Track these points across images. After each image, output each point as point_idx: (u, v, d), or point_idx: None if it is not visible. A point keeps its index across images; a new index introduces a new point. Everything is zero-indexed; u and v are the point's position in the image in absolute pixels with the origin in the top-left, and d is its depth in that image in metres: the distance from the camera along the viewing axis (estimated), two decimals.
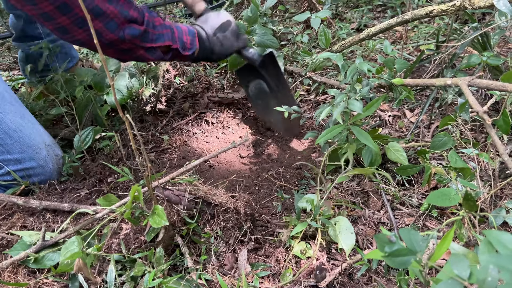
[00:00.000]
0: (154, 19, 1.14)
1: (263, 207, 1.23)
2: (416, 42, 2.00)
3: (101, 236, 1.03)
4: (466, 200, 0.87)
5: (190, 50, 1.24)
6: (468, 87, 0.99)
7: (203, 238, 1.04)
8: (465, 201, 0.87)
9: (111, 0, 1.00)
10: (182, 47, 1.21)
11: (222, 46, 1.32)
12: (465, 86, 0.99)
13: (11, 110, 1.22)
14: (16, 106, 1.25)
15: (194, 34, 1.26)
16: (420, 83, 1.16)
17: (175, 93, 1.78)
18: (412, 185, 1.24)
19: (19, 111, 1.25)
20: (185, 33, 1.24)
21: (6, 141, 1.19)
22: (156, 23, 1.15)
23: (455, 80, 1.06)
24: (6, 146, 1.20)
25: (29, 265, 0.95)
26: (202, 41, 1.28)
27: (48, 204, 1.12)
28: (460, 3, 1.12)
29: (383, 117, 1.56)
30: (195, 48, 1.25)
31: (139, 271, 0.93)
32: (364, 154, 1.19)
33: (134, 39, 1.08)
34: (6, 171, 1.21)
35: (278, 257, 1.04)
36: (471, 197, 0.89)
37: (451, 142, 1.21)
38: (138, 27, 1.08)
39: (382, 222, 1.14)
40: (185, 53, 1.23)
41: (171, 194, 1.00)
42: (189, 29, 1.26)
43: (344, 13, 2.48)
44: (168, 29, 1.18)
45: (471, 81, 1.00)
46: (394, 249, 0.57)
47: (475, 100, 0.93)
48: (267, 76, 1.46)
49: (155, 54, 1.17)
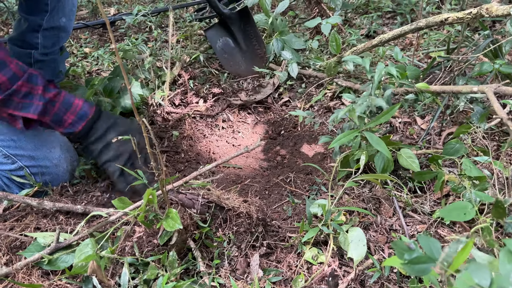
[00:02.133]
0: (29, 87, 1.11)
1: (274, 212, 1.23)
2: (426, 48, 2.01)
3: (114, 239, 1.04)
4: (496, 207, 0.87)
5: (66, 129, 1.19)
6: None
7: (216, 242, 1.05)
8: (495, 208, 0.87)
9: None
10: (56, 121, 1.17)
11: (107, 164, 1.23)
12: (491, 93, 0.99)
13: None
14: None
15: (85, 118, 1.20)
16: (447, 90, 1.16)
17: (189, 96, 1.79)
18: (424, 192, 1.23)
19: None
20: (72, 111, 1.18)
21: (19, 137, 1.22)
22: (34, 92, 1.12)
23: (481, 87, 1.06)
24: (19, 142, 1.21)
25: (43, 267, 0.95)
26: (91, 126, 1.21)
27: (61, 206, 1.12)
28: (477, 11, 1.12)
29: (393, 124, 1.56)
30: (74, 129, 1.19)
31: (152, 274, 0.93)
32: (377, 160, 1.19)
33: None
34: (19, 165, 1.22)
35: (289, 262, 1.04)
36: (501, 204, 0.89)
37: (463, 149, 1.21)
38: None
39: (394, 229, 1.14)
40: (58, 129, 1.20)
41: (184, 198, 1.01)
42: (83, 111, 1.19)
43: (353, 19, 2.49)
44: (41, 101, 1.13)
45: (498, 89, 1.00)
46: (413, 256, 0.57)
47: (500, 107, 0.93)
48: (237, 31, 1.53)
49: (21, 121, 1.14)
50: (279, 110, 1.79)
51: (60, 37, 1.68)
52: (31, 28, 1.60)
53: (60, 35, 1.67)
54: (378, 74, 1.12)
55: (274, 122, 1.73)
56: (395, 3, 2.59)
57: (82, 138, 1.23)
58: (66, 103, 1.18)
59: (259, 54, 1.80)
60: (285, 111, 1.78)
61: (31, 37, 1.62)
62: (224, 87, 1.84)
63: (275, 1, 2.48)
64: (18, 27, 1.64)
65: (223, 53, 1.73)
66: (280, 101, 1.82)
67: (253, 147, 1.17)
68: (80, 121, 1.20)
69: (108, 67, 2.13)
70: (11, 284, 0.94)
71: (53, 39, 1.65)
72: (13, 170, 1.22)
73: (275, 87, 1.83)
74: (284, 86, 1.85)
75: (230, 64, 1.71)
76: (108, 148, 1.22)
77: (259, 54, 1.79)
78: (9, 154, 1.21)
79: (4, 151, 1.21)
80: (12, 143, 1.21)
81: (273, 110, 1.79)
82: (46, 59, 1.67)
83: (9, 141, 1.21)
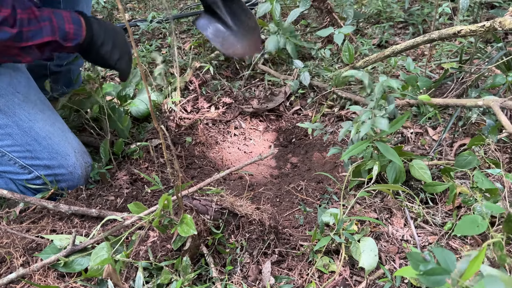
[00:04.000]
0: (28, 13, 1.05)
1: (285, 219, 1.24)
2: (438, 59, 2.01)
3: (128, 243, 1.05)
4: (507, 222, 0.87)
5: (74, 41, 1.16)
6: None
7: (228, 248, 1.06)
8: (506, 223, 0.87)
9: None
10: (63, 37, 1.12)
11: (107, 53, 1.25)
12: (497, 107, 0.99)
13: (42, 118, 1.26)
14: (47, 114, 1.29)
15: (80, 23, 1.17)
16: (450, 103, 1.17)
17: (200, 102, 1.81)
18: (435, 204, 1.23)
19: (50, 119, 1.29)
20: (67, 20, 1.14)
21: (35, 147, 1.23)
22: (32, 17, 1.06)
23: (487, 101, 1.06)
24: (35, 152, 1.23)
25: (59, 269, 0.97)
26: (91, 32, 1.20)
27: (76, 209, 1.15)
28: (490, 25, 1.13)
29: (405, 134, 1.57)
30: (80, 38, 1.17)
31: (165, 279, 0.94)
32: (389, 170, 1.19)
33: (5, 42, 1.02)
34: (35, 175, 1.24)
35: (301, 270, 1.05)
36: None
37: (476, 161, 1.21)
38: (9, 30, 1.01)
39: (405, 239, 1.14)
40: (67, 44, 1.15)
41: (198, 204, 1.02)
42: (73, 17, 1.16)
43: (365, 29, 2.50)
44: (46, 21, 1.08)
45: (504, 103, 1.01)
46: (428, 267, 0.58)
47: (508, 122, 0.93)
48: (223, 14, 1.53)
49: (31, 53, 1.10)
50: (290, 118, 1.80)
51: None
52: None
53: None
54: (379, 89, 1.12)
55: (285, 130, 1.75)
56: (407, 14, 2.59)
57: (91, 45, 1.21)
58: (58, 15, 1.12)
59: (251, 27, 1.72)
60: (296, 119, 1.79)
61: None
62: (236, 95, 1.86)
63: (288, 10, 2.51)
64: None
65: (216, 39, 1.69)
66: (292, 109, 1.84)
67: (267, 155, 1.18)
68: (79, 27, 1.16)
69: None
70: (28, 285, 0.96)
71: None
72: (30, 180, 1.25)
73: (287, 95, 1.85)
74: (295, 95, 1.86)
75: (225, 48, 1.67)
76: (116, 48, 1.27)
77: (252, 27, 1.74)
78: (25, 165, 1.23)
79: (21, 162, 1.23)
80: (28, 154, 1.23)
81: (285, 118, 1.81)
82: (62, 70, 1.68)
83: (25, 152, 1.22)
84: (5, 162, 1.22)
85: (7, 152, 1.21)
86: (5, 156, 1.21)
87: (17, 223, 1.16)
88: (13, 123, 1.21)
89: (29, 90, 1.27)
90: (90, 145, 1.52)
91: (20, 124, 1.21)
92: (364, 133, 1.04)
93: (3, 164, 1.22)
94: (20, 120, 1.21)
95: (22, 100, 1.23)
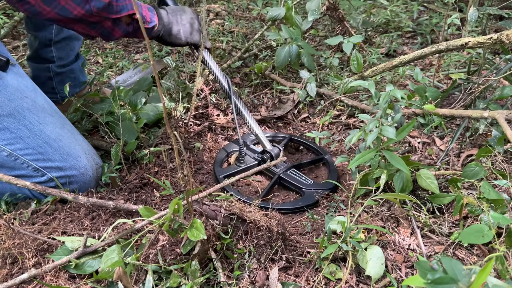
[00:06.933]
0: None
1: (293, 226, 1.26)
2: (446, 70, 2.02)
3: (138, 246, 1.07)
4: (509, 236, 0.87)
5: (150, 24, 1.33)
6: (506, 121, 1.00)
7: (236, 254, 1.07)
8: (508, 237, 0.88)
9: None
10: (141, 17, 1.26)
11: (179, 32, 1.41)
12: (503, 119, 1.00)
13: (51, 121, 1.29)
14: (56, 117, 1.32)
15: (153, 10, 1.34)
16: (456, 114, 1.18)
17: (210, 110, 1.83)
18: (442, 213, 1.24)
19: (59, 121, 1.32)
20: (144, 8, 1.31)
21: (46, 150, 1.26)
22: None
23: (492, 113, 1.07)
24: (47, 155, 1.26)
25: (70, 270, 0.99)
26: (162, 19, 1.36)
27: (94, 201, 1.18)
28: (497, 37, 1.14)
29: (412, 144, 1.58)
30: (154, 23, 1.33)
31: (174, 283, 0.96)
32: (396, 180, 1.20)
33: (100, 12, 1.17)
34: (48, 177, 1.27)
35: (307, 277, 1.06)
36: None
37: (483, 172, 1.22)
38: (103, 0, 1.15)
39: (412, 248, 1.15)
40: (145, 26, 1.30)
41: (208, 209, 1.04)
42: (148, 6, 1.34)
43: (373, 38, 2.52)
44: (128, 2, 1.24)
45: (509, 115, 1.02)
46: (436, 276, 0.59)
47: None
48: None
49: (120, 26, 1.26)
50: (298, 125, 1.81)
51: (73, 45, 1.73)
52: (43, 44, 1.66)
53: (73, 44, 1.73)
54: (384, 99, 1.14)
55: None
56: (415, 23, 2.61)
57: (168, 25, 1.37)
58: (137, 3, 1.30)
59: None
60: (304, 126, 1.81)
61: (45, 52, 1.67)
62: (245, 102, 1.88)
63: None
64: (31, 44, 1.70)
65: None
66: (300, 116, 1.85)
67: (275, 162, 1.20)
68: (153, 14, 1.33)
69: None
70: (40, 285, 0.98)
71: (67, 49, 1.71)
72: (43, 182, 1.27)
73: (295, 103, 1.86)
74: (304, 103, 1.88)
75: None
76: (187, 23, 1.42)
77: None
78: (38, 167, 1.26)
79: (34, 165, 1.25)
80: (40, 156, 1.25)
81: (293, 125, 1.82)
82: (64, 71, 1.72)
83: (37, 155, 1.25)
84: (19, 166, 1.24)
85: (20, 156, 1.24)
86: (18, 160, 1.24)
87: (29, 224, 1.18)
88: (24, 127, 1.23)
89: (36, 95, 1.31)
90: (101, 148, 1.54)
91: (31, 128, 1.24)
92: (371, 141, 1.06)
93: (16, 168, 1.25)
94: (30, 124, 1.24)
95: (30, 104, 1.26)
